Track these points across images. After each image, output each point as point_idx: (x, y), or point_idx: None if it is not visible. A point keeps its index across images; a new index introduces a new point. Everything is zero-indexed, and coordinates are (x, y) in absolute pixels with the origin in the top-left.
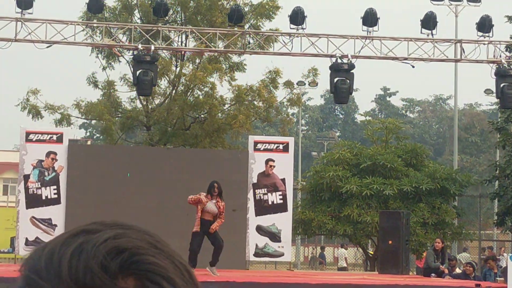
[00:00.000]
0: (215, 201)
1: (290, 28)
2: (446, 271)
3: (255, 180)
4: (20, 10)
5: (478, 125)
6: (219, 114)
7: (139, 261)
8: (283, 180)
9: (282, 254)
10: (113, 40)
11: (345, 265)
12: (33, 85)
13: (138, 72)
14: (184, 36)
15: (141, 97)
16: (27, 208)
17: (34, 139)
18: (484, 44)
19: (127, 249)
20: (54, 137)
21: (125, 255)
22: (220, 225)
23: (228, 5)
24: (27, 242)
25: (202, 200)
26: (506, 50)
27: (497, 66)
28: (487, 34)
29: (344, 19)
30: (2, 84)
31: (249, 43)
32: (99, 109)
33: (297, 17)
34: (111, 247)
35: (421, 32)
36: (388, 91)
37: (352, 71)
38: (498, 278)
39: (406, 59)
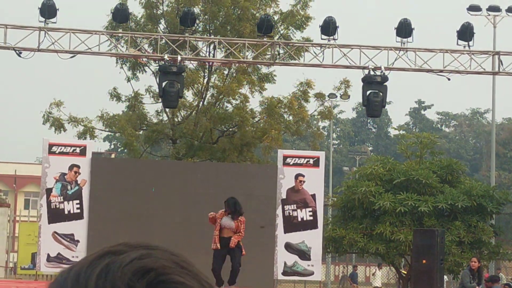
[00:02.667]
0: (232, 216)
1: (321, 39)
2: None
3: (284, 196)
4: (43, 19)
5: None
6: (249, 128)
7: (166, 281)
8: (313, 196)
9: (312, 273)
10: (138, 50)
11: (377, 285)
12: (56, 96)
13: (164, 84)
14: (212, 47)
15: (166, 109)
16: (49, 223)
17: (57, 152)
18: None
19: (153, 269)
20: (78, 149)
21: (151, 275)
22: (238, 240)
23: (258, 14)
24: (49, 258)
25: (217, 217)
26: None
27: None
28: None
29: (377, 29)
30: (25, 95)
31: (279, 53)
32: (122, 123)
33: (329, 27)
34: (137, 267)
35: (457, 44)
36: (422, 104)
37: (385, 84)
38: None
39: (441, 71)
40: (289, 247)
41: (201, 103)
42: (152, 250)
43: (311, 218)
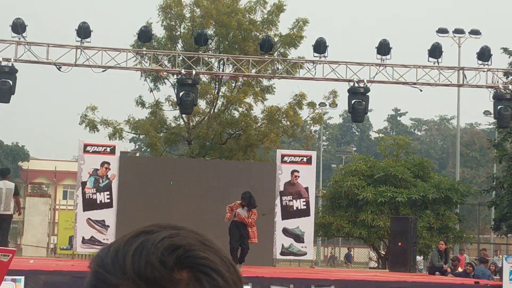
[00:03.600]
0: (247, 209)
1: (314, 56)
2: (449, 270)
3: (282, 188)
4: (79, 39)
5: (478, 142)
6: (252, 132)
7: (192, 256)
8: (306, 188)
9: (305, 253)
10: (159, 65)
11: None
12: (91, 102)
13: (181, 94)
14: (221, 63)
15: (183, 115)
16: (83, 210)
17: (90, 151)
18: (483, 71)
19: (181, 246)
20: (108, 149)
21: (180, 251)
22: (255, 233)
23: (260, 35)
24: (84, 241)
25: (232, 208)
26: (504, 76)
27: (494, 91)
28: (486, 63)
29: (361, 48)
30: (63, 103)
31: (278, 69)
32: (146, 126)
33: (320, 46)
34: (167, 244)
35: (428, 60)
36: (398, 112)
37: (367, 94)
38: (494, 277)
39: (415, 83)
40: (285, 231)
41: (212, 110)
42: (179, 230)
43: (305, 207)
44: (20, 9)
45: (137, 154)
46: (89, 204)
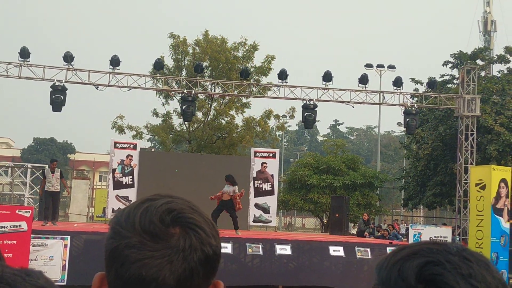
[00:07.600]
0: (228, 186)
1: (278, 82)
2: (368, 234)
3: (254, 175)
4: (112, 67)
5: (392, 144)
6: (234, 135)
7: (183, 217)
8: (272, 175)
9: (270, 221)
10: (169, 87)
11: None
12: (120, 112)
13: (184, 107)
14: (213, 85)
15: (185, 122)
16: (113, 189)
17: (119, 147)
18: (397, 94)
19: (175, 209)
20: (131, 146)
21: (174, 213)
22: (238, 205)
23: (241, 67)
24: (113, 211)
25: (219, 196)
26: (411, 98)
27: (404, 108)
28: (399, 88)
29: (311, 76)
30: (100, 113)
31: (253, 90)
32: (159, 130)
33: (283, 75)
34: (165, 208)
35: (358, 86)
36: (337, 122)
37: (316, 109)
38: (403, 239)
39: (349, 102)
40: (257, 206)
41: (206, 119)
42: (174, 198)
43: (271, 188)
44: (70, 44)
45: (152, 150)
46: (118, 185)
